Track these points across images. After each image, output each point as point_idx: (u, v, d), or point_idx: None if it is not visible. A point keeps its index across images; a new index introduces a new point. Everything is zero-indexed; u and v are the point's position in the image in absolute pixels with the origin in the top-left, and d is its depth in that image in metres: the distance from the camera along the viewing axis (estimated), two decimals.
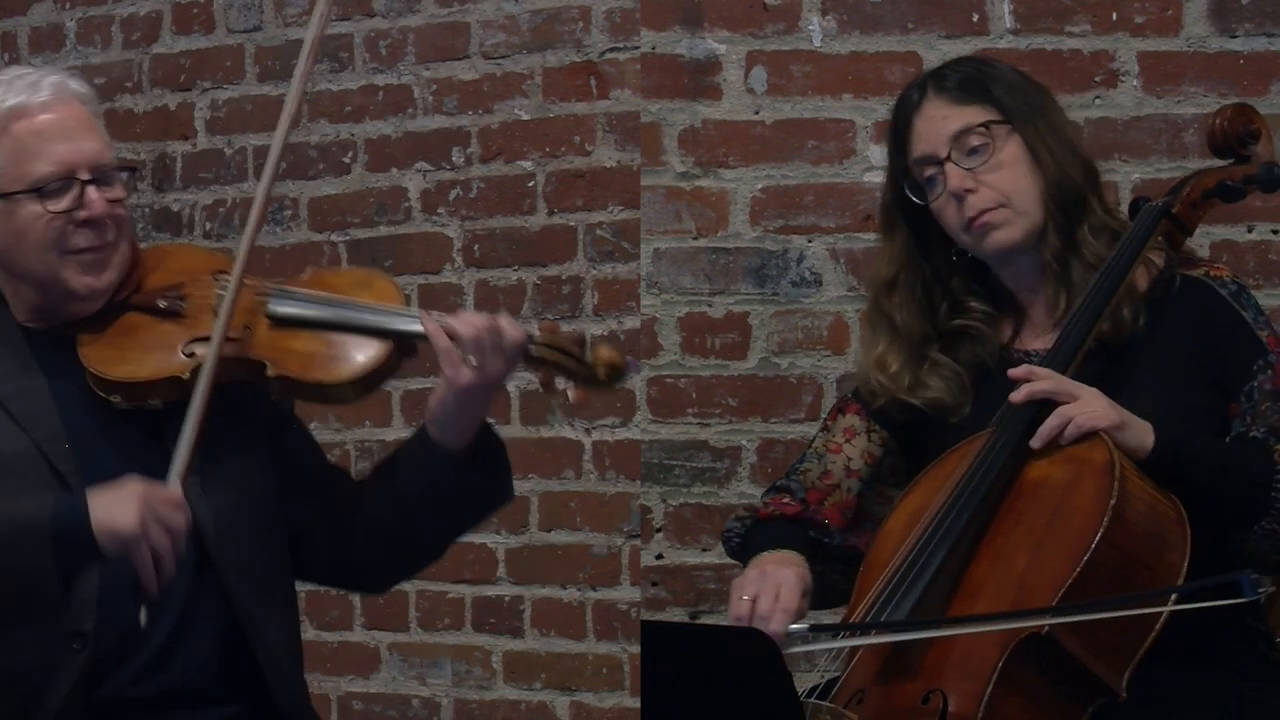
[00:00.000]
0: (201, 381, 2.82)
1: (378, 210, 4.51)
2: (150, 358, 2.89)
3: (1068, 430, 2.83)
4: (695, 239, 4.06)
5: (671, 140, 4.06)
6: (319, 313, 2.91)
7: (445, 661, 4.44)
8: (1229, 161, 3.08)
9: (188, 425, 2.80)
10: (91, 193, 2.88)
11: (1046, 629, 2.67)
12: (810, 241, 4.02)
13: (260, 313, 2.91)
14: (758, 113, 4.04)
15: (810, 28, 4.02)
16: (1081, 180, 3.03)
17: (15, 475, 2.82)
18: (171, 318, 2.93)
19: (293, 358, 2.89)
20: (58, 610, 2.76)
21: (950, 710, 2.67)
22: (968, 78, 3.07)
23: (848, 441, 3.14)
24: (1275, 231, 3.88)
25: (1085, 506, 2.75)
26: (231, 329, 2.87)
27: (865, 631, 2.79)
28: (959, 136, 3.01)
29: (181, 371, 2.87)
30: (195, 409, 2.81)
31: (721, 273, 4.05)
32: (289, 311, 2.92)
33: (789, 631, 2.81)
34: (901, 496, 2.99)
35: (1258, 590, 2.63)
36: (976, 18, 3.96)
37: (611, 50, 4.26)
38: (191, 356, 2.88)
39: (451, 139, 4.42)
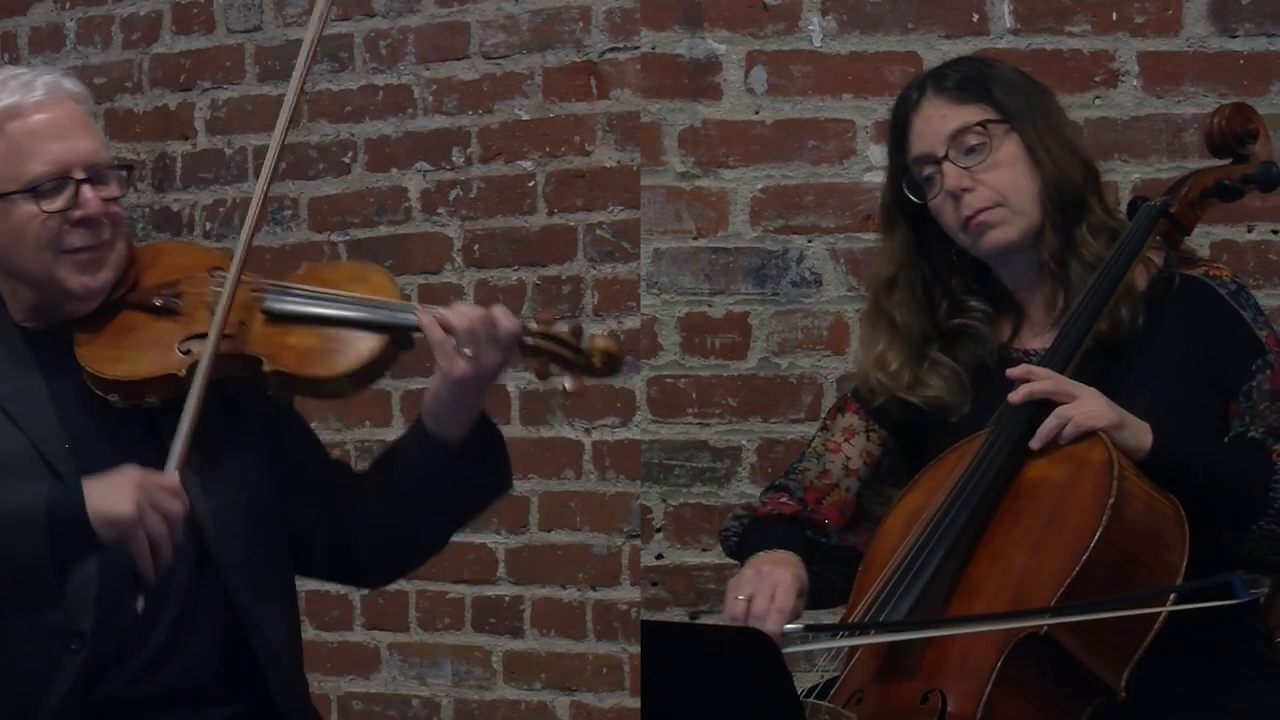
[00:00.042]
0: (198, 376, 2.83)
1: (378, 210, 4.51)
2: (147, 356, 2.89)
3: (1066, 430, 2.83)
4: (695, 239, 4.06)
5: (671, 140, 4.06)
6: (314, 308, 2.92)
7: (445, 661, 4.44)
8: (1227, 161, 3.08)
9: (185, 419, 2.80)
10: (86, 192, 2.88)
11: (1045, 629, 2.67)
12: (810, 241, 4.02)
13: (255, 309, 2.91)
14: (758, 113, 4.04)
15: (810, 28, 4.02)
16: (1080, 180, 3.03)
17: (14, 475, 2.82)
18: (167, 315, 2.93)
19: (288, 353, 2.89)
20: (54, 600, 2.75)
21: (949, 710, 2.67)
22: (967, 77, 3.07)
23: (846, 441, 3.14)
24: (1275, 231, 3.88)
25: (1084, 506, 2.75)
26: (227, 325, 2.87)
27: (862, 632, 2.79)
28: (956, 135, 3.01)
29: (178, 369, 2.87)
30: (192, 404, 2.81)
31: (721, 273, 4.05)
32: (284, 307, 2.92)
33: (784, 632, 2.81)
34: (900, 496, 2.99)
35: (1249, 591, 2.62)
36: (976, 18, 3.96)
37: (611, 50, 4.26)
38: (188, 354, 2.88)
39: (451, 139, 4.42)
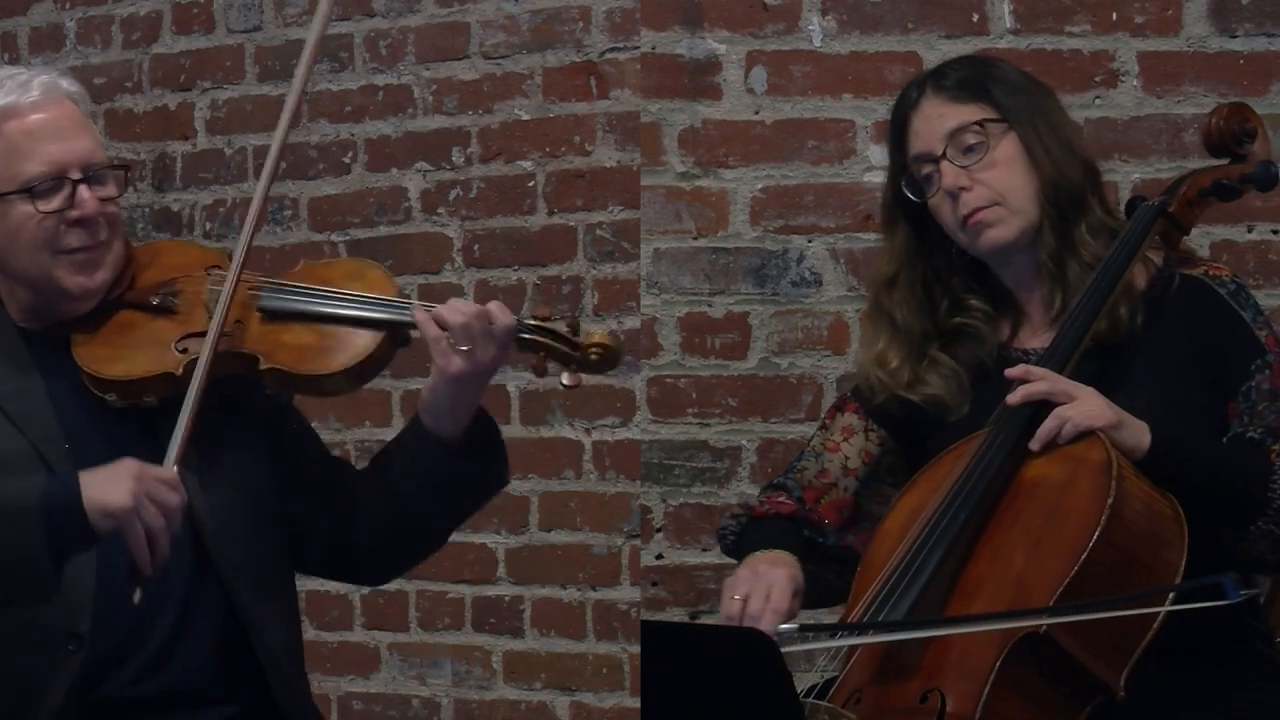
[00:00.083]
0: (197, 375, 2.82)
1: (378, 210, 4.51)
2: (144, 355, 2.89)
3: (1064, 430, 2.83)
4: (695, 239, 4.06)
5: (671, 140, 4.06)
6: (310, 305, 2.91)
7: (445, 661, 4.44)
8: (1225, 161, 3.09)
9: (183, 418, 2.80)
10: (83, 192, 2.88)
11: (1044, 628, 2.67)
12: (810, 241, 4.02)
13: (252, 307, 2.91)
14: (758, 113, 4.04)
15: (810, 28, 4.02)
16: (1079, 180, 3.03)
17: (13, 476, 2.81)
18: (164, 314, 2.93)
19: (285, 351, 2.89)
20: (49, 592, 2.74)
21: (948, 710, 2.67)
22: (967, 77, 3.07)
23: (845, 440, 3.14)
24: (1275, 231, 3.88)
25: (1082, 505, 2.75)
26: (224, 324, 2.87)
27: (859, 632, 2.79)
28: (954, 134, 3.02)
29: (175, 368, 2.87)
30: (190, 402, 2.80)
31: (721, 273, 4.05)
32: (280, 305, 2.92)
33: (779, 632, 2.81)
34: (899, 496, 2.99)
35: (1240, 592, 2.62)
36: (976, 18, 3.95)
37: (611, 50, 4.26)
38: (185, 353, 2.88)
39: (451, 139, 4.42)
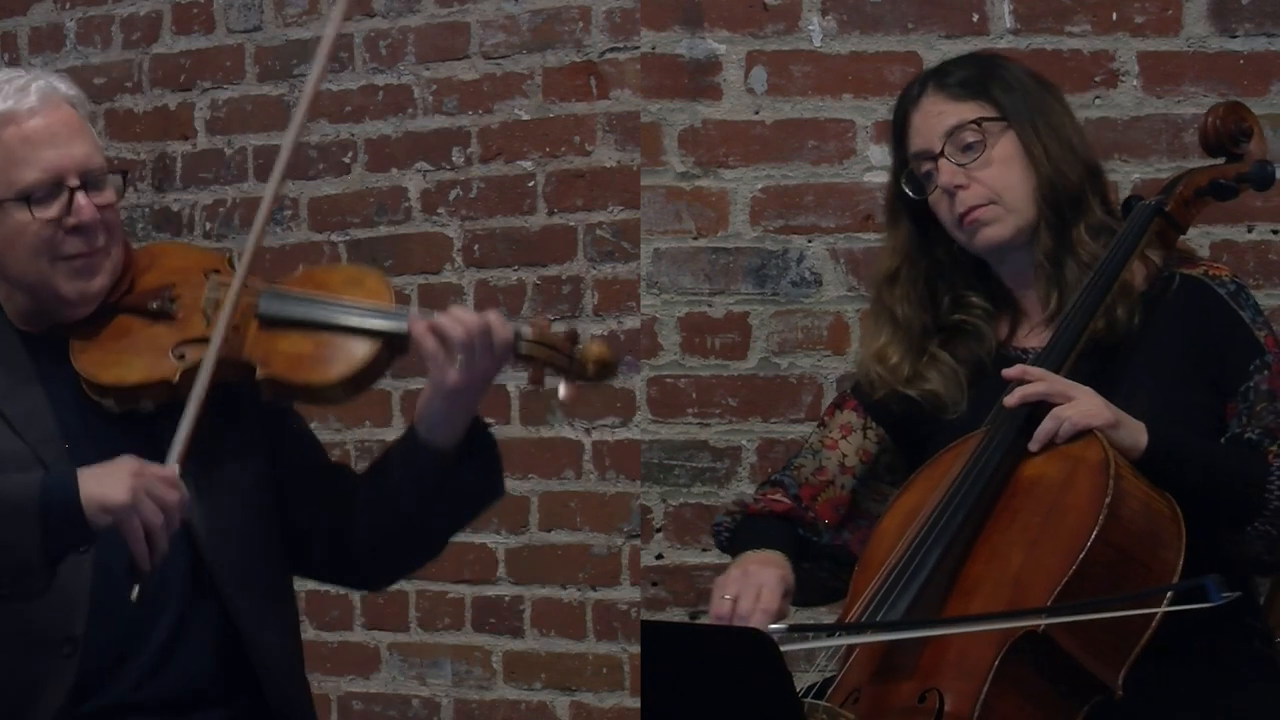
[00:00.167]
0: (198, 384, 2.81)
1: (378, 210, 4.51)
2: (140, 361, 2.88)
3: (1062, 429, 2.83)
4: (695, 239, 4.06)
5: (671, 140, 4.06)
6: (308, 313, 2.90)
7: (445, 661, 4.44)
8: (1222, 160, 3.09)
9: (183, 425, 2.78)
10: (80, 199, 2.86)
11: (1042, 627, 2.67)
12: (810, 241, 4.02)
13: (250, 313, 2.90)
14: (758, 113, 4.04)
15: (810, 28, 4.02)
16: (1078, 180, 3.03)
17: (12, 473, 2.80)
18: (163, 319, 2.92)
19: (281, 359, 2.87)
20: (42, 588, 2.73)
21: (946, 709, 2.67)
22: (969, 75, 3.07)
23: (844, 438, 3.14)
24: (1275, 231, 3.88)
25: (1080, 504, 2.75)
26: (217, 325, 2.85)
27: (853, 632, 2.79)
28: (953, 132, 3.02)
29: (171, 375, 2.86)
30: (191, 410, 2.79)
31: (721, 273, 4.05)
32: (278, 312, 2.90)
33: (769, 632, 2.80)
34: (896, 496, 2.99)
35: (1222, 595, 2.62)
36: (976, 18, 3.95)
37: (611, 50, 4.26)
38: (182, 359, 2.87)
39: (451, 139, 4.42)
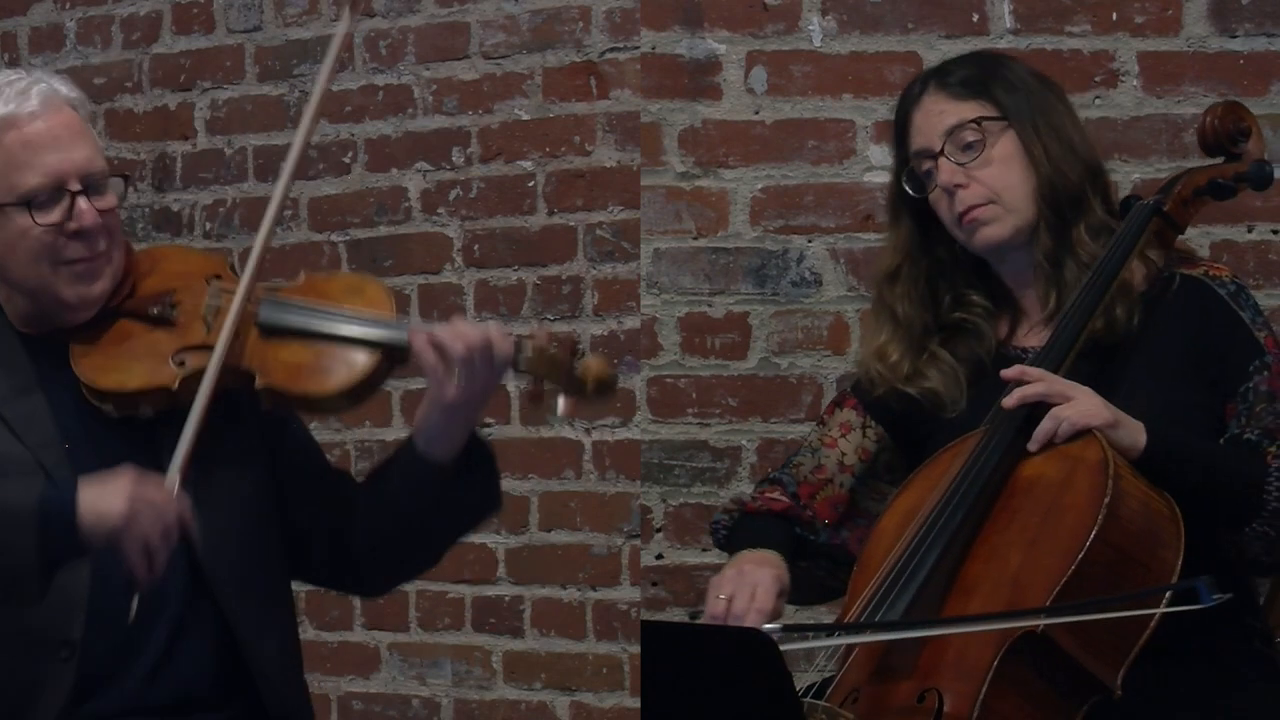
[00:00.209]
0: (200, 396, 2.80)
1: (378, 210, 4.51)
2: (140, 366, 2.87)
3: (1061, 429, 2.83)
4: (695, 239, 4.06)
5: (671, 140, 4.06)
6: (308, 323, 2.89)
7: (445, 661, 4.44)
8: (1220, 159, 3.09)
9: (185, 437, 2.78)
10: (82, 204, 2.85)
11: (1041, 627, 2.67)
12: (810, 241, 4.02)
13: (250, 321, 2.89)
14: (758, 113, 4.04)
15: (810, 28, 4.02)
16: (1078, 180, 3.03)
17: (11, 480, 2.79)
18: (163, 325, 2.90)
19: (280, 368, 2.87)
20: (34, 599, 2.72)
21: (945, 709, 2.67)
22: (970, 74, 3.07)
23: (843, 436, 3.14)
24: (1275, 231, 3.87)
25: (1079, 504, 2.75)
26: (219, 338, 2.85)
27: (846, 632, 2.80)
28: (953, 131, 3.02)
29: (170, 382, 2.85)
30: (193, 421, 2.78)
31: (721, 273, 4.05)
32: (278, 321, 2.89)
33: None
34: (895, 495, 2.99)
35: (1213, 597, 2.62)
36: (976, 18, 3.95)
37: (611, 50, 4.26)
38: (181, 366, 2.86)
39: (451, 139, 4.42)
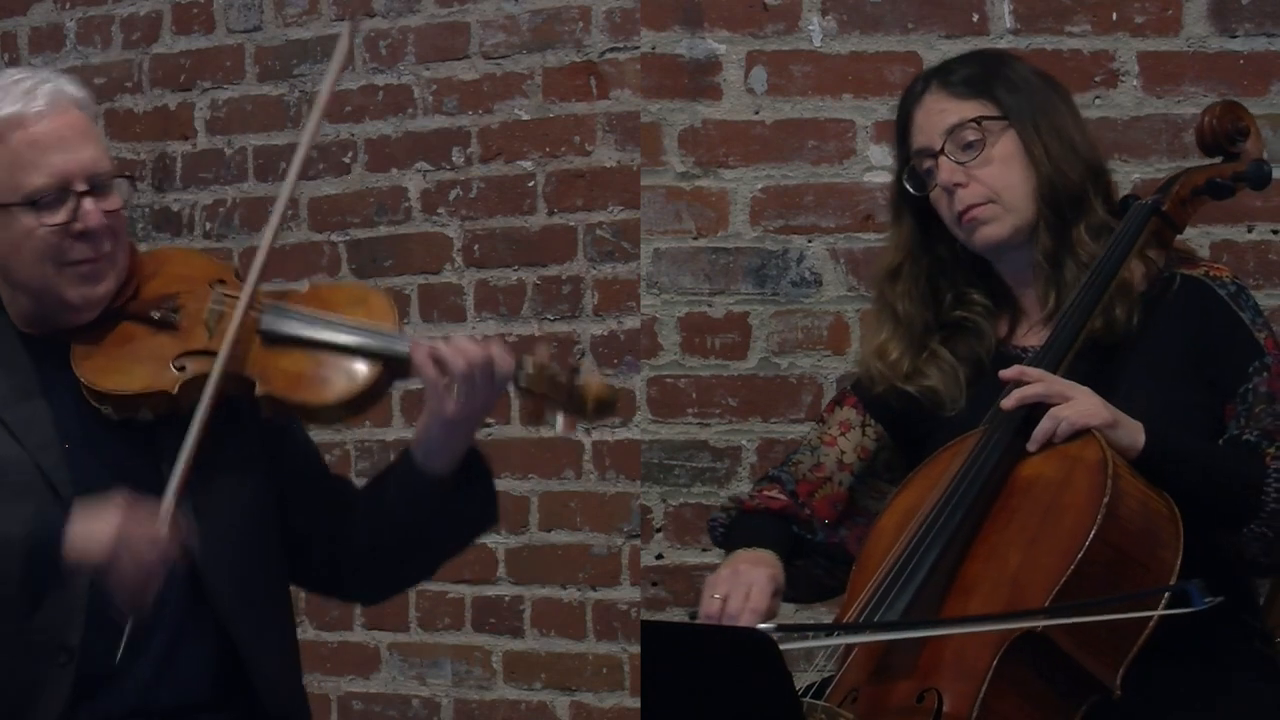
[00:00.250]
0: (201, 407, 2.79)
1: (378, 210, 4.51)
2: (141, 370, 2.87)
3: (1060, 429, 2.83)
4: (695, 239, 4.06)
5: (671, 140, 4.06)
6: (310, 332, 2.89)
7: (445, 661, 4.44)
8: (1219, 159, 3.09)
9: (184, 451, 2.77)
10: (87, 204, 2.84)
11: (1040, 627, 2.67)
12: (810, 241, 4.02)
13: (252, 329, 2.88)
14: (758, 113, 4.04)
15: (810, 28, 4.02)
16: (1079, 180, 3.02)
17: (8, 483, 2.80)
18: (165, 329, 2.90)
19: (281, 377, 2.87)
20: (26, 618, 2.72)
21: (945, 709, 2.67)
22: (972, 73, 3.07)
23: (842, 435, 3.14)
24: (1275, 231, 3.87)
25: (1078, 504, 2.74)
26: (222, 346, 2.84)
27: (845, 632, 2.80)
28: (953, 130, 3.02)
29: (170, 387, 2.85)
30: (193, 434, 2.77)
31: (721, 273, 4.05)
32: (280, 330, 2.89)
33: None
34: (894, 495, 2.99)
35: (1205, 600, 2.62)
36: (976, 18, 3.95)
37: (611, 50, 4.26)
38: (183, 370, 2.86)
39: (451, 139, 4.42)
